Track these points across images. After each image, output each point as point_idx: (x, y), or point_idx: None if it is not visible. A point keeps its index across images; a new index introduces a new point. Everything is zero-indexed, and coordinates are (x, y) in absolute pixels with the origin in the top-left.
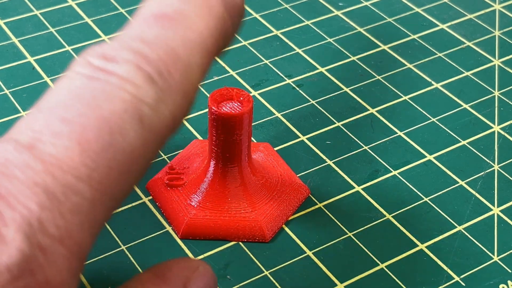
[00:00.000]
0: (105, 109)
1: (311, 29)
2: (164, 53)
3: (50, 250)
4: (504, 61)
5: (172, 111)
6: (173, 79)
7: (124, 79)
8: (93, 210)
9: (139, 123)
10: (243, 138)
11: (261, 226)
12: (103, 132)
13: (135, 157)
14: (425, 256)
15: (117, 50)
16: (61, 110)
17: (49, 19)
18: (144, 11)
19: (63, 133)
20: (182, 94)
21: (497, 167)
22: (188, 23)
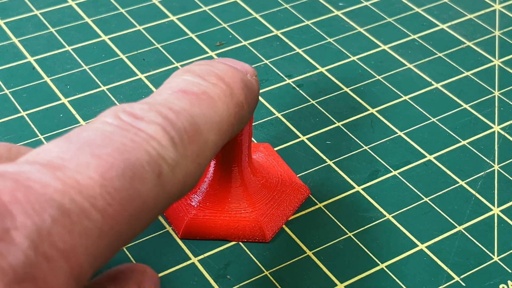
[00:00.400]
0: (132, 156)
1: (311, 29)
2: (188, 124)
3: (54, 262)
4: (504, 61)
5: (185, 177)
6: (191, 149)
7: (151, 136)
8: (100, 240)
9: (157, 177)
10: (243, 138)
11: (261, 226)
12: (126, 175)
13: (147, 207)
14: (425, 256)
15: (146, 111)
16: (92, 146)
17: (49, 19)
18: (173, 84)
19: (90, 165)
20: (195, 165)
21: (497, 167)
22: (212, 104)
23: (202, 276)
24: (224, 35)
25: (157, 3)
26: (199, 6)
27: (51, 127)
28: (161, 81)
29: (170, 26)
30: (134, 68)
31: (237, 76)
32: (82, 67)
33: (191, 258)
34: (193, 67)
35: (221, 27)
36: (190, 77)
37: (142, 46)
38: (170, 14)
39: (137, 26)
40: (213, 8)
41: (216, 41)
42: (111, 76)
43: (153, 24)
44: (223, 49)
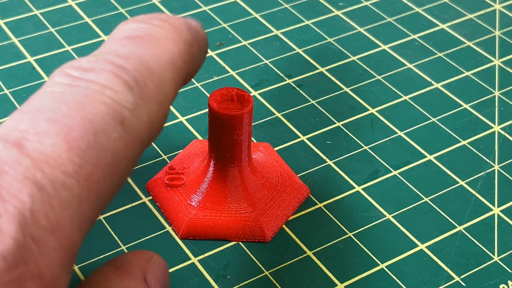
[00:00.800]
0: (89, 111)
1: (311, 29)
2: (138, 65)
3: (42, 241)
4: (504, 61)
5: (150, 118)
6: (148, 88)
7: (104, 85)
8: (81, 205)
9: (121, 125)
10: (243, 138)
11: (261, 226)
12: (88, 132)
13: (119, 158)
14: (425, 256)
15: (93, 62)
16: (45, 111)
17: (49, 19)
18: (115, 35)
19: (49, 131)
20: (157, 104)
21: (497, 167)
22: (159, 44)
23: (202, 276)
24: (224, 35)
25: (157, 3)
26: (199, 6)
27: None
28: None
29: None
30: None
31: (180, 19)
32: None
33: (191, 258)
34: (134, 17)
35: (221, 27)
36: (132, 24)
37: None
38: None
39: None
40: (213, 8)
41: (216, 41)
42: None
43: None
44: (223, 49)
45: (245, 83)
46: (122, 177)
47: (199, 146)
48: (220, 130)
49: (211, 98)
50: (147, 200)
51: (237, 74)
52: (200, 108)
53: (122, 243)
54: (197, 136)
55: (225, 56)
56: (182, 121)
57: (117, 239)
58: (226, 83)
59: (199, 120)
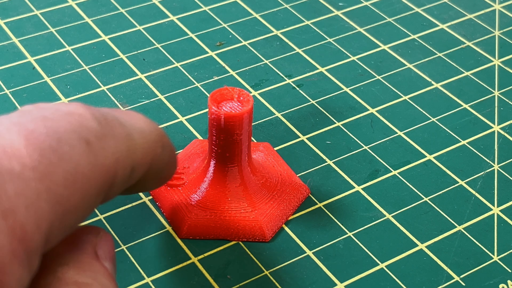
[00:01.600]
0: (54, 123)
1: (311, 29)
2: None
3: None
4: (504, 61)
5: (115, 154)
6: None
7: (72, 111)
8: (39, 201)
9: (86, 143)
10: (243, 138)
11: (261, 226)
12: (51, 137)
13: (81, 172)
14: (425, 256)
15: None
16: (11, 118)
17: (49, 19)
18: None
19: (11, 130)
20: (125, 147)
21: (497, 167)
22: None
23: (202, 275)
24: (224, 35)
25: (157, 3)
26: (199, 6)
27: None
28: (161, 81)
29: (170, 26)
30: (134, 68)
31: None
32: (82, 67)
33: (191, 257)
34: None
35: (221, 27)
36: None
37: (142, 46)
38: (170, 14)
39: (137, 26)
40: (213, 8)
41: (216, 41)
42: (111, 76)
43: (153, 24)
44: (223, 49)
45: (245, 83)
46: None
47: (199, 146)
48: (220, 130)
49: (211, 98)
50: (147, 200)
51: (237, 74)
52: (200, 108)
53: (122, 243)
54: (197, 136)
55: (225, 56)
56: (182, 121)
57: (117, 239)
58: (226, 83)
59: (199, 120)
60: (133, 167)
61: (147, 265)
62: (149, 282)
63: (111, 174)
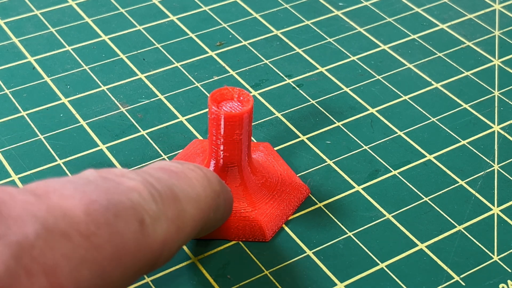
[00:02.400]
0: (115, 198)
1: (311, 29)
2: (166, 188)
3: (34, 276)
4: (504, 61)
5: (165, 235)
6: (171, 210)
7: (132, 188)
8: (82, 267)
9: (140, 223)
10: (243, 137)
11: (261, 226)
12: (109, 211)
13: (128, 250)
14: (425, 256)
15: (126, 172)
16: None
17: (49, 19)
18: (150, 165)
19: (74, 196)
20: (175, 227)
21: (497, 166)
22: (189, 182)
23: (202, 275)
24: (224, 35)
25: (157, 3)
26: (199, 6)
27: (51, 127)
28: (161, 81)
29: (170, 26)
30: (134, 68)
31: (214, 173)
32: (82, 67)
33: (191, 257)
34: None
35: (221, 27)
36: (169, 162)
37: (142, 46)
38: (170, 14)
39: (137, 26)
40: (213, 8)
41: (216, 41)
42: (111, 76)
43: (153, 24)
44: (223, 49)
45: (245, 83)
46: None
47: (199, 146)
48: (220, 130)
49: (211, 98)
50: None
51: (237, 74)
52: (200, 108)
53: None
54: (197, 136)
55: (225, 56)
56: (182, 121)
57: None
58: (226, 83)
59: (199, 120)
60: (180, 244)
61: None
62: (149, 282)
63: (157, 254)
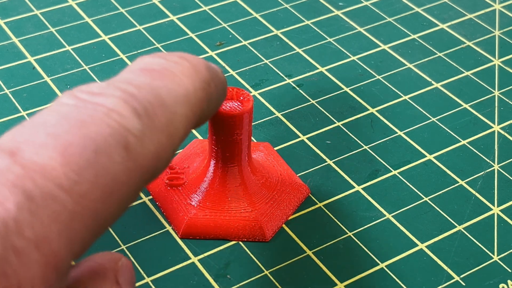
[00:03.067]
0: (91, 131)
1: (311, 28)
2: (150, 95)
3: (24, 253)
4: (504, 60)
5: (157, 149)
6: (158, 119)
7: (111, 109)
8: (73, 223)
9: (124, 149)
10: (243, 137)
11: (261, 226)
12: (88, 150)
13: (119, 182)
14: (425, 256)
15: (104, 88)
16: (46, 126)
17: (49, 19)
18: (131, 67)
19: (47, 144)
20: (166, 136)
21: (497, 166)
22: (175, 78)
23: (202, 275)
24: (224, 35)
25: (157, 3)
26: (199, 6)
27: None
28: None
29: (170, 26)
30: None
31: (200, 59)
32: (82, 67)
33: (191, 257)
34: (154, 53)
35: (221, 27)
36: (150, 58)
37: (142, 46)
38: (170, 13)
39: (137, 26)
40: (213, 8)
41: (216, 41)
42: (111, 75)
43: (153, 24)
44: (223, 48)
45: (245, 83)
46: (123, 203)
47: (199, 146)
48: (220, 130)
49: None
50: (147, 199)
51: (237, 74)
52: None
53: (122, 243)
54: (196, 136)
55: (225, 56)
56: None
57: (117, 239)
58: None
59: None
60: (175, 147)
61: (147, 265)
62: (149, 282)
63: (152, 169)
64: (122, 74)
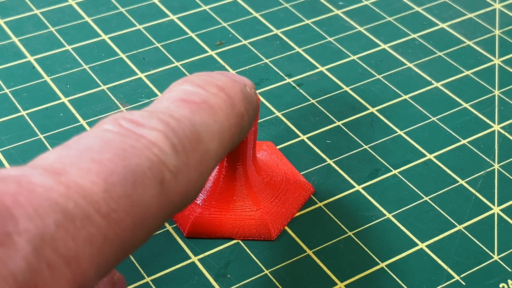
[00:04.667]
0: (133, 162)
1: (311, 28)
2: (189, 131)
3: (56, 269)
4: (504, 60)
5: (188, 186)
6: (193, 157)
7: (153, 142)
8: (104, 248)
9: (160, 184)
10: (248, 137)
11: (267, 225)
12: (128, 181)
13: (150, 214)
14: (425, 255)
15: (147, 118)
16: (91, 152)
17: (49, 19)
18: (173, 94)
19: (91, 169)
20: (198, 173)
21: (497, 166)
22: (212, 114)
23: (202, 275)
24: (224, 34)
25: (157, 2)
26: (199, 5)
27: (51, 127)
28: (161, 81)
29: (170, 25)
30: (134, 68)
31: (237, 87)
32: (82, 66)
33: (191, 257)
34: (192, 78)
35: (221, 26)
36: (190, 86)
37: (142, 45)
38: (170, 13)
39: (137, 25)
40: (213, 7)
41: (216, 40)
42: (111, 75)
43: (153, 23)
44: (223, 48)
45: None
46: (149, 233)
47: None
48: None
49: None
50: None
51: (237, 73)
52: None
53: None
54: None
55: (225, 56)
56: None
57: None
58: None
59: None
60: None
61: (147, 264)
62: (149, 281)
63: (180, 205)
64: (164, 102)
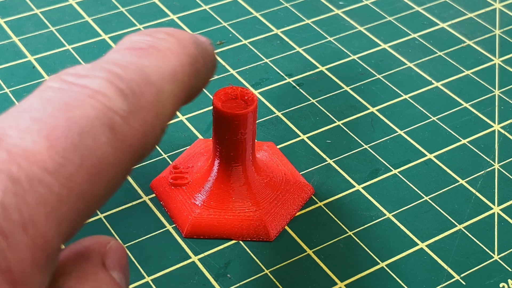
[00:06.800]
0: (76, 113)
1: (311, 27)
2: (136, 75)
3: (12, 236)
4: (505, 60)
5: (144, 128)
6: (145, 98)
7: (96, 90)
8: (61, 205)
9: (110, 130)
10: (247, 137)
11: (266, 225)
12: (72, 132)
13: (107, 163)
14: (426, 255)
15: (90, 69)
16: (31, 111)
17: (49, 18)
18: (118, 46)
19: (31, 129)
20: (154, 114)
21: (497, 166)
22: (161, 56)
23: (203, 275)
24: (225, 34)
25: (157, 2)
26: (199, 5)
27: None
28: None
29: (170, 25)
30: None
31: (187, 33)
32: None
33: (192, 257)
34: (141, 30)
35: (221, 26)
36: (136, 36)
37: None
38: (170, 13)
39: (138, 25)
40: (213, 7)
41: (216, 40)
42: None
43: (153, 23)
44: (223, 48)
45: (245, 82)
46: (112, 184)
47: (203, 145)
48: (224, 129)
49: (216, 97)
50: (147, 198)
51: (237, 73)
52: (200, 107)
53: (123, 242)
54: (197, 135)
55: (226, 55)
56: (182, 120)
57: (117, 238)
58: (226, 82)
59: (199, 119)
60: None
61: (147, 264)
62: (149, 281)
63: (140, 149)
64: (109, 54)
